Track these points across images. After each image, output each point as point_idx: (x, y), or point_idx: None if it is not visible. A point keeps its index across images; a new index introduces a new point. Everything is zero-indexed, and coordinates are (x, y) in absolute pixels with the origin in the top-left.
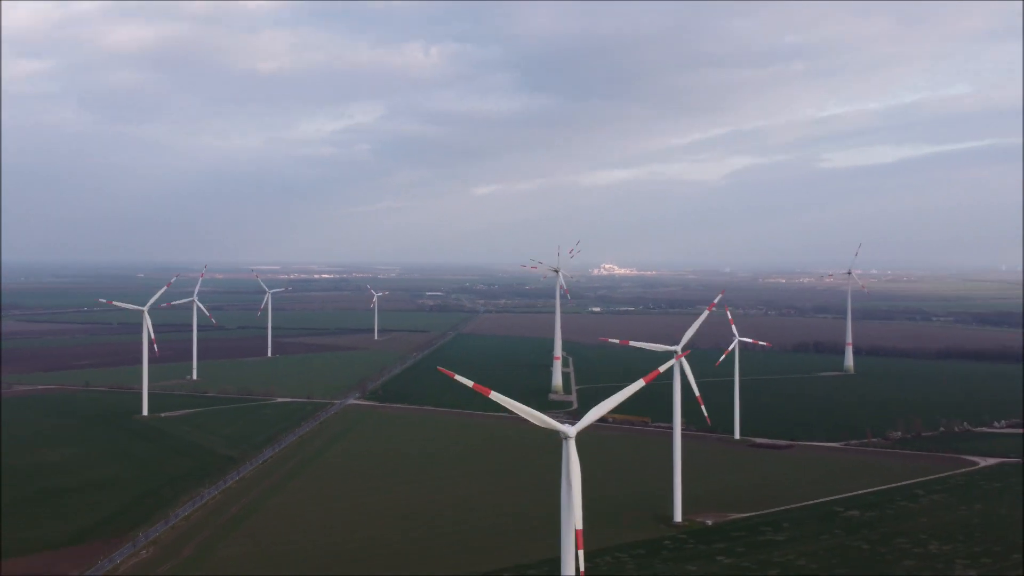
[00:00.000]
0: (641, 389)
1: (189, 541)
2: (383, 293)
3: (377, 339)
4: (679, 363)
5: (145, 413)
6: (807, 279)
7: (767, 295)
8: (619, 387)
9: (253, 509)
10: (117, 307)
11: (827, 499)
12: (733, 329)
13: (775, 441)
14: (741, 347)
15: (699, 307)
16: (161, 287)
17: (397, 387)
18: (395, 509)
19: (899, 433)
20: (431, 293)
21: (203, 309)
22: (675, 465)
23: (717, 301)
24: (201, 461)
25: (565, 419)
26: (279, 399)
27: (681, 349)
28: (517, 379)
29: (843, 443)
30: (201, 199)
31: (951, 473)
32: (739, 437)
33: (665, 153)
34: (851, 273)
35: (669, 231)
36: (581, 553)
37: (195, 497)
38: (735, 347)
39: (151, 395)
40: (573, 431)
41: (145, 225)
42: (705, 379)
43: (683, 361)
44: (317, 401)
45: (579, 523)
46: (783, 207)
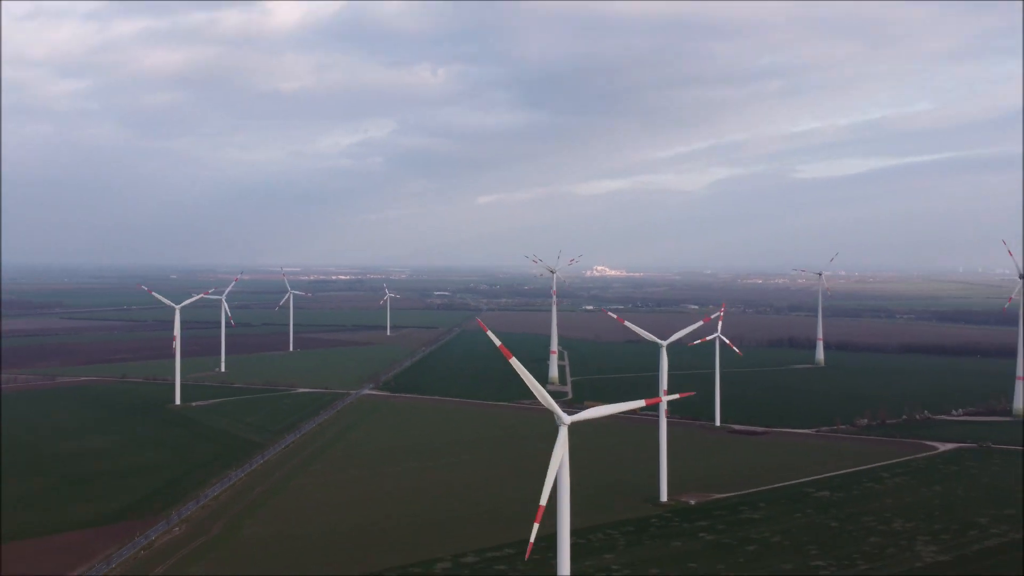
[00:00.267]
0: (633, 379)
1: (218, 519)
2: (395, 295)
3: (389, 335)
4: (662, 351)
5: (178, 403)
6: (782, 280)
7: (746, 295)
8: (609, 378)
9: (276, 490)
10: (155, 299)
11: (800, 481)
12: (719, 326)
13: (752, 428)
14: (718, 343)
15: (683, 305)
16: (191, 288)
17: (408, 379)
18: (406, 489)
19: (865, 420)
20: (439, 293)
21: (227, 310)
22: (661, 450)
23: (713, 317)
24: (228, 446)
25: (562, 408)
26: (300, 390)
27: (667, 344)
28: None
29: (814, 429)
30: (228, 207)
31: (913, 457)
32: (719, 424)
33: (652, 165)
34: (821, 275)
35: (656, 236)
36: (536, 526)
37: (223, 479)
38: (716, 342)
39: (183, 386)
40: (569, 420)
41: (178, 231)
42: (688, 371)
43: (664, 351)
44: (335, 391)
45: (543, 500)
46: (760, 214)
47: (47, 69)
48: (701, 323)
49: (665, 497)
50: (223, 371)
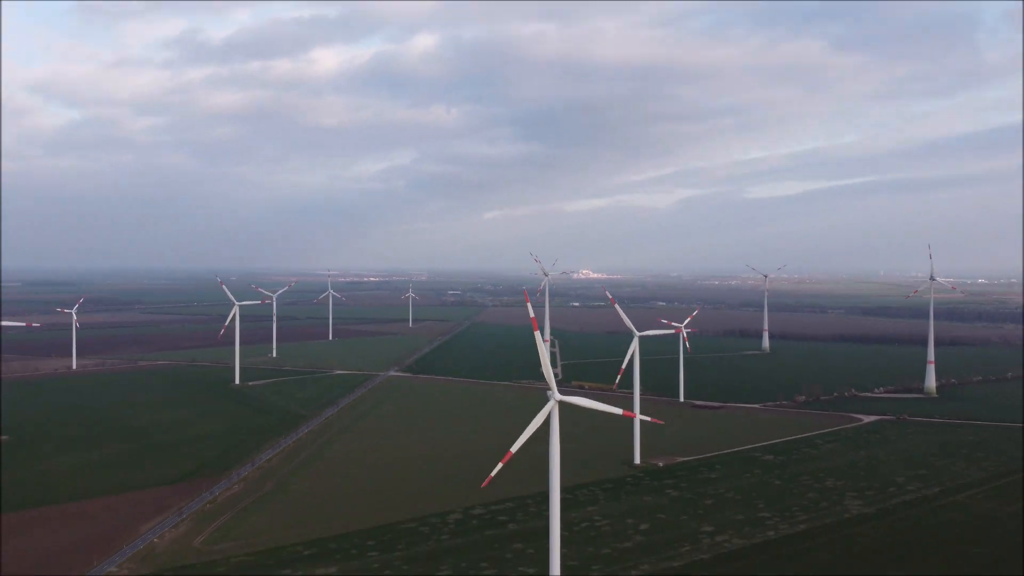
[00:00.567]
0: (615, 362)
1: (270, 478)
2: (413, 296)
3: (411, 327)
4: (635, 343)
5: (237, 382)
6: (735, 281)
7: (704, 293)
8: (592, 362)
9: (318, 455)
10: (220, 296)
11: (750, 447)
12: (687, 321)
13: (710, 403)
14: (677, 333)
15: (652, 302)
16: (246, 292)
17: (427, 362)
18: (424, 453)
19: (803, 397)
20: (452, 292)
21: (273, 308)
22: (635, 421)
23: (684, 324)
24: (279, 418)
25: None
26: (338, 371)
27: (639, 334)
28: (516, 356)
29: (762, 404)
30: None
31: (842, 427)
32: (683, 400)
33: (628, 186)
34: (767, 277)
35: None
36: (500, 464)
37: (274, 445)
38: (683, 333)
39: (241, 368)
40: (559, 398)
41: (238, 241)
42: (657, 356)
43: (636, 339)
44: (367, 373)
45: (514, 448)
46: (717, 227)
47: (129, 108)
48: (673, 331)
49: (638, 460)
50: (274, 356)
